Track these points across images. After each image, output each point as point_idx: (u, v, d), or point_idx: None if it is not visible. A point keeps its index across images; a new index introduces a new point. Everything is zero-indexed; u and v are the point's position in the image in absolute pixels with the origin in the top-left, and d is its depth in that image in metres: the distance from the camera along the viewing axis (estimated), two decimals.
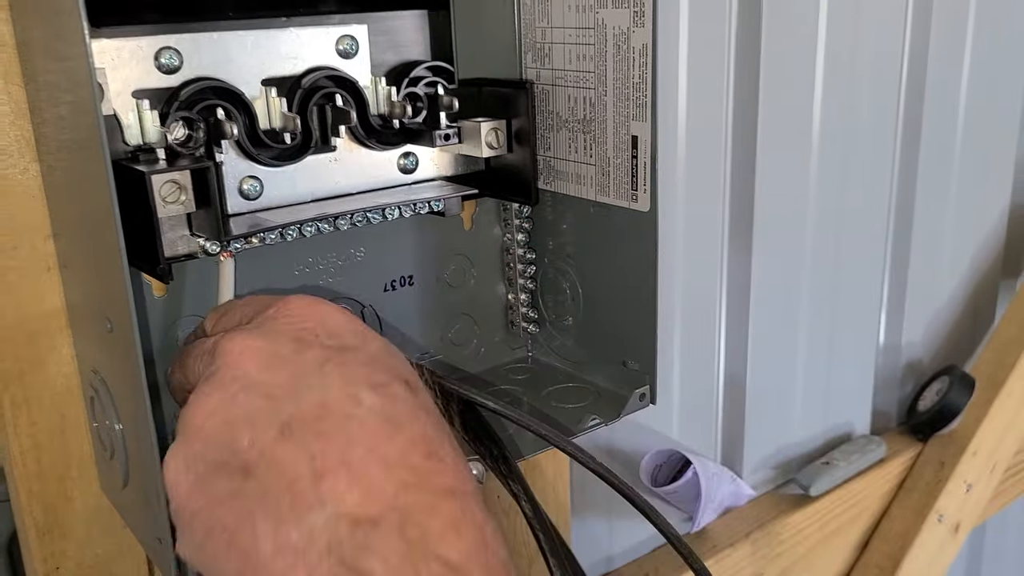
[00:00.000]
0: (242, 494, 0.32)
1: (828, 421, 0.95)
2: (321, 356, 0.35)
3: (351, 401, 0.33)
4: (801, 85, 0.74)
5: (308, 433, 0.32)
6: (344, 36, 0.47)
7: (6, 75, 0.40)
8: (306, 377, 0.34)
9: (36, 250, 0.42)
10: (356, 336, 0.37)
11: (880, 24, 0.81)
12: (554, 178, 0.54)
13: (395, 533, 0.31)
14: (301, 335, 0.36)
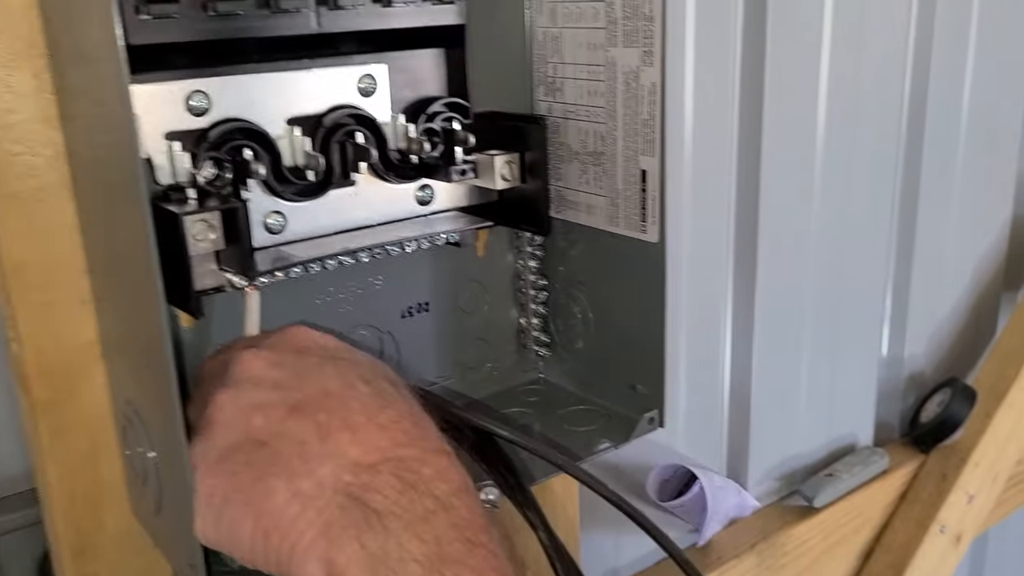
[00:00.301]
0: (255, 461, 0.37)
1: (831, 433, 0.97)
2: (318, 360, 0.41)
3: (348, 388, 0.39)
4: (804, 111, 0.75)
5: (314, 409, 0.38)
6: (365, 75, 0.49)
7: (45, 119, 0.42)
8: (307, 373, 0.40)
9: (72, 285, 0.44)
10: (346, 351, 0.43)
11: (882, 47, 0.82)
12: (565, 207, 0.56)
13: (393, 475, 0.36)
14: (300, 348, 0.42)
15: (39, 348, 0.43)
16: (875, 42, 0.81)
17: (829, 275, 0.88)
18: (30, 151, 0.42)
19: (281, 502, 0.36)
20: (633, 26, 0.49)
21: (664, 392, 0.54)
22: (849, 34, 0.77)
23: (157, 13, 0.41)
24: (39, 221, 0.42)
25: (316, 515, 0.35)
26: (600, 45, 0.52)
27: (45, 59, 0.42)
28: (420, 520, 0.35)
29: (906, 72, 0.88)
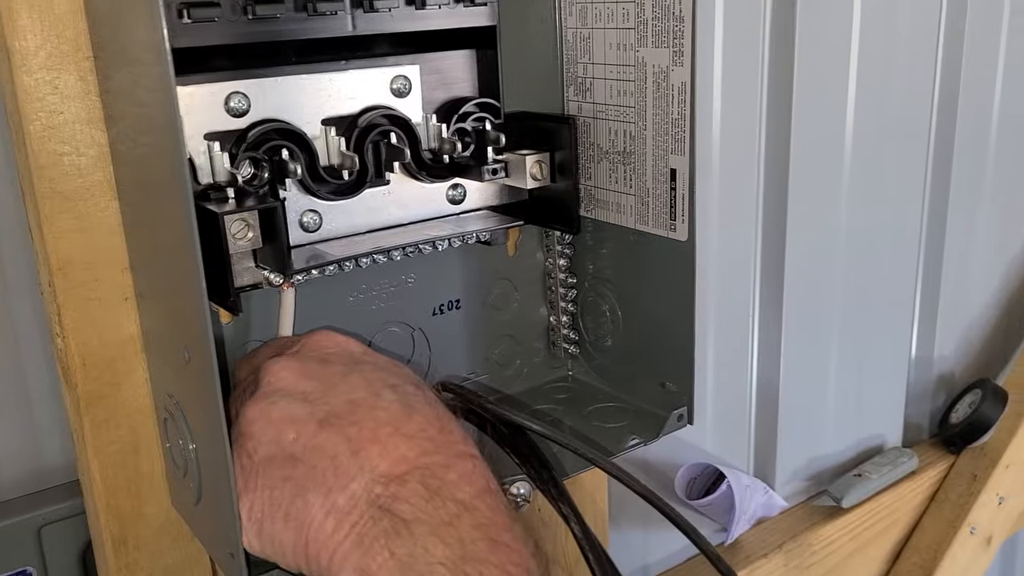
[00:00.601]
0: (292, 477, 0.39)
1: (860, 433, 0.97)
2: (344, 368, 0.43)
3: (374, 397, 0.41)
4: (832, 110, 0.75)
5: (343, 422, 0.40)
6: (398, 76, 0.50)
7: (90, 120, 0.43)
8: (334, 383, 0.42)
9: (115, 282, 0.45)
10: (369, 355, 0.45)
11: (912, 45, 0.82)
12: (595, 206, 0.57)
13: (419, 484, 0.38)
14: (325, 356, 0.44)
15: (83, 343, 0.45)
16: (905, 40, 0.80)
17: (858, 275, 0.88)
18: (76, 151, 0.43)
19: (319, 517, 0.38)
20: (663, 26, 0.50)
21: (693, 389, 0.54)
22: (878, 32, 0.77)
23: (199, 17, 0.42)
24: (84, 220, 0.44)
25: (350, 528, 0.38)
26: (630, 45, 0.52)
27: (90, 62, 0.43)
28: (444, 524, 0.37)
29: (936, 68, 0.88)
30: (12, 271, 0.51)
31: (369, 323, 0.54)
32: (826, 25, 0.72)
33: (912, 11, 0.81)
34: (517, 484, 0.48)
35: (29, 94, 0.41)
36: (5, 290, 0.51)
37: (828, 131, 0.77)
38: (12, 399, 0.53)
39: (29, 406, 0.54)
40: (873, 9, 0.75)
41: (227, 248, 0.43)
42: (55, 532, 0.52)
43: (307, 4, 0.45)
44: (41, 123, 0.42)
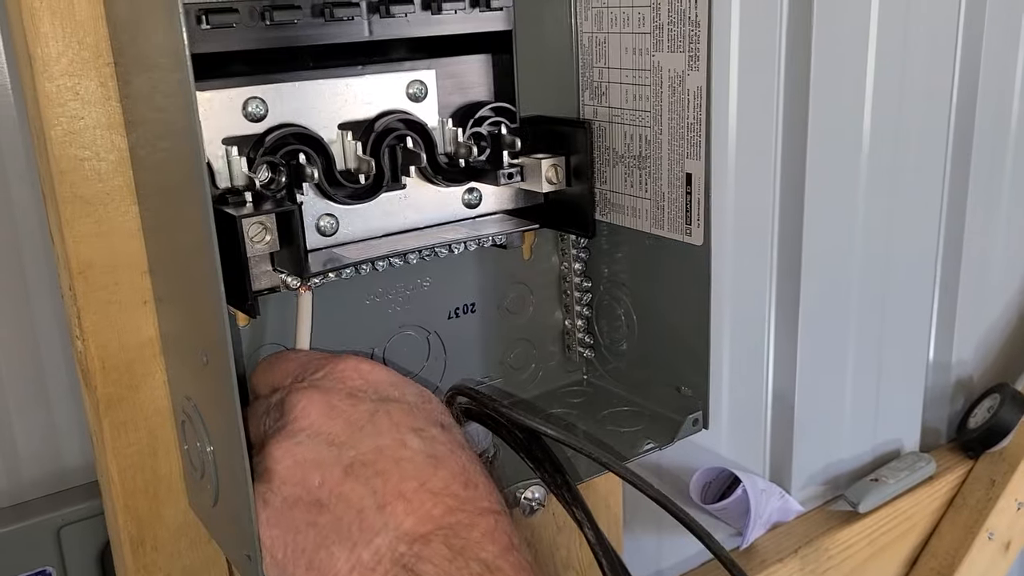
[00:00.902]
0: (318, 524, 0.39)
1: (877, 438, 0.96)
2: (371, 408, 0.42)
3: (399, 444, 0.40)
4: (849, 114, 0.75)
5: (368, 472, 0.39)
6: (414, 81, 0.50)
7: (110, 126, 0.44)
8: (361, 425, 0.41)
9: (134, 285, 0.45)
10: (396, 388, 0.44)
11: (929, 48, 0.81)
12: (610, 210, 0.57)
13: (443, 544, 0.38)
14: (352, 391, 0.43)
15: (103, 346, 0.45)
16: (922, 44, 0.80)
17: (875, 279, 0.87)
18: (96, 156, 0.43)
19: (343, 571, 0.38)
20: (679, 31, 0.50)
21: (708, 394, 0.54)
22: (896, 36, 0.76)
23: (217, 23, 0.43)
24: (104, 224, 0.44)
25: None
26: (646, 50, 0.52)
27: (111, 67, 0.43)
28: None
29: (955, 70, 0.87)
30: (33, 273, 0.52)
31: (385, 326, 0.54)
32: (843, 29, 0.71)
33: (930, 14, 0.80)
34: (531, 488, 0.48)
35: (51, 100, 0.42)
36: (26, 292, 0.52)
37: (845, 134, 0.76)
38: (32, 400, 0.54)
39: (48, 406, 0.55)
40: (890, 12, 0.75)
41: (245, 251, 0.43)
42: (74, 533, 0.53)
43: (324, 10, 0.45)
44: (62, 128, 0.42)
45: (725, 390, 0.80)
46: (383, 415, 0.41)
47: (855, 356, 0.89)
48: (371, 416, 0.41)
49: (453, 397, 0.48)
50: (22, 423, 0.54)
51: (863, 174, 0.81)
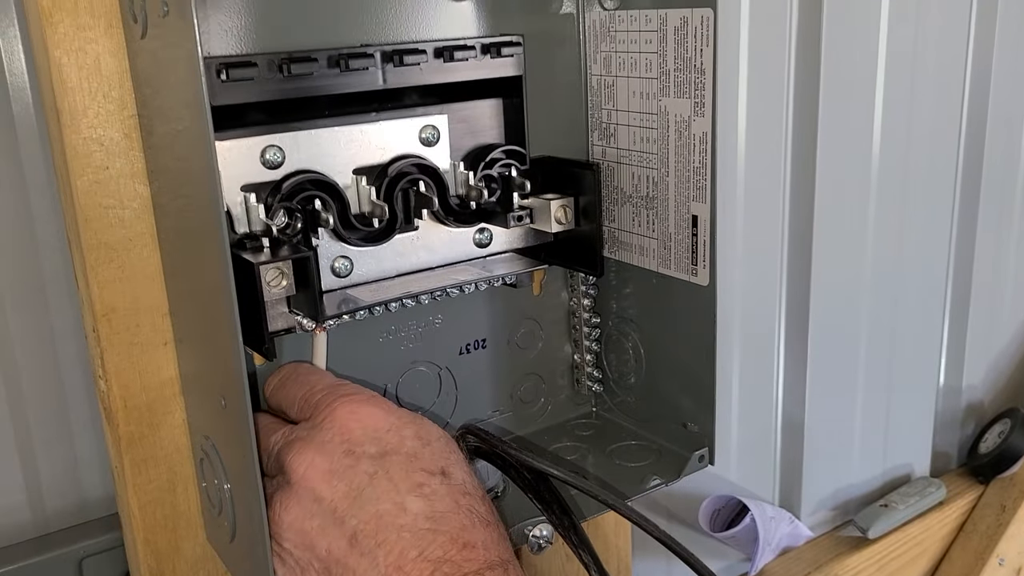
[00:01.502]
0: None
1: (887, 463, 0.96)
2: (370, 468, 0.42)
3: (399, 510, 0.41)
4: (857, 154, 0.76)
5: (371, 543, 0.41)
6: (427, 126, 0.52)
7: (134, 174, 0.45)
8: (361, 490, 0.42)
9: (155, 327, 0.47)
10: (394, 432, 0.44)
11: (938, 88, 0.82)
12: (618, 248, 0.58)
13: None
14: (350, 448, 0.43)
15: (125, 386, 0.47)
16: (931, 82, 0.81)
17: (885, 304, 0.88)
18: (120, 204, 0.45)
19: None
20: (685, 77, 0.51)
21: (714, 431, 0.55)
22: (904, 77, 0.77)
23: (237, 76, 0.44)
24: (127, 269, 0.46)
25: None
26: (653, 94, 0.53)
27: (135, 119, 0.45)
28: None
29: (963, 104, 0.88)
30: (57, 314, 0.54)
31: (397, 362, 0.55)
32: (851, 74, 0.72)
33: (938, 52, 0.81)
34: (539, 527, 0.49)
35: (77, 151, 0.43)
36: (52, 332, 0.54)
37: (854, 172, 0.77)
38: (56, 433, 0.56)
39: (71, 440, 0.56)
40: (898, 55, 0.76)
41: (262, 295, 0.45)
42: (95, 564, 0.54)
43: (340, 61, 0.47)
44: (88, 178, 0.44)
45: (735, 416, 0.81)
46: (382, 477, 0.42)
47: (865, 381, 0.90)
48: (370, 479, 0.42)
49: (463, 436, 0.49)
50: (46, 456, 0.55)
51: (872, 203, 0.82)
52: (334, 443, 0.43)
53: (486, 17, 0.53)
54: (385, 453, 0.43)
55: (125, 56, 0.44)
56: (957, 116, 0.87)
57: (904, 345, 0.92)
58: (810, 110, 0.69)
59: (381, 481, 0.42)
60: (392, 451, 0.43)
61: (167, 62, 0.41)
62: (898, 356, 0.92)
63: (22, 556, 0.53)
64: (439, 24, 0.51)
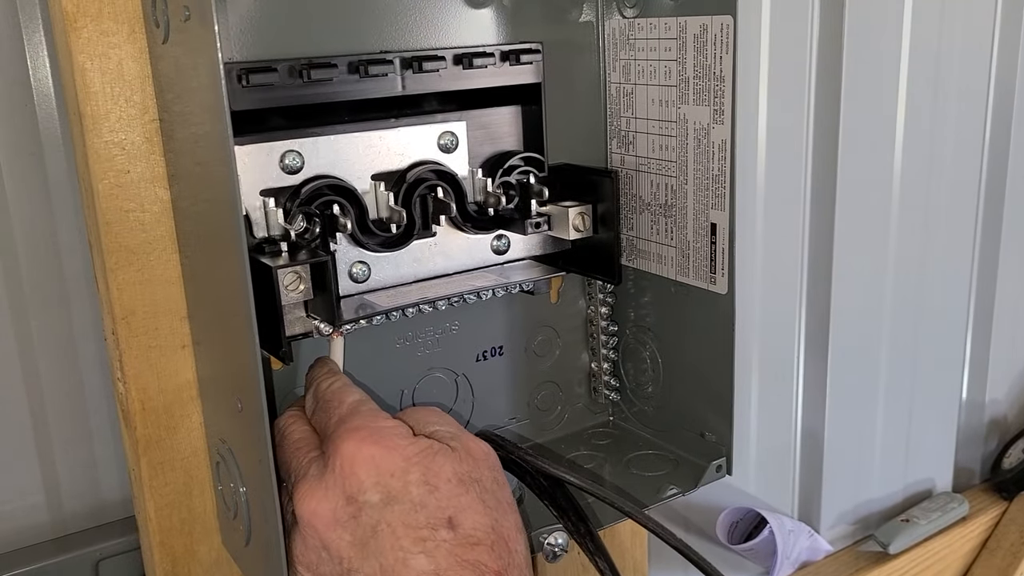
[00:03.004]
0: None
1: (908, 477, 0.95)
2: (372, 521, 0.41)
3: (402, 565, 0.40)
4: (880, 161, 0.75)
5: None
6: (445, 132, 0.52)
7: (154, 179, 0.45)
8: (365, 542, 0.41)
9: (174, 330, 0.47)
10: (398, 479, 0.42)
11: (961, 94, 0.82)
12: (636, 256, 0.58)
13: None
14: (353, 495, 0.41)
15: (143, 389, 0.47)
16: (953, 90, 0.80)
17: (907, 318, 0.87)
18: (140, 208, 0.45)
19: None
20: (704, 85, 0.51)
21: (732, 441, 0.54)
22: (927, 85, 0.77)
23: (257, 82, 0.44)
24: (146, 272, 0.46)
25: None
26: (672, 102, 0.53)
27: (156, 124, 0.45)
28: None
29: (987, 113, 0.87)
30: (78, 315, 0.54)
31: (415, 368, 0.55)
32: (873, 81, 0.72)
33: (961, 63, 0.80)
34: (555, 535, 0.48)
35: (99, 155, 0.44)
36: (72, 333, 0.54)
37: (875, 181, 0.76)
38: (75, 435, 0.56)
39: (90, 441, 0.57)
40: (921, 62, 0.75)
41: (280, 299, 0.45)
42: (112, 566, 0.55)
43: (360, 67, 0.47)
44: (110, 182, 0.44)
45: (753, 428, 0.80)
46: (385, 529, 0.40)
47: (886, 393, 0.89)
48: (373, 531, 0.41)
49: None
50: (65, 458, 0.56)
51: (894, 213, 0.81)
52: (337, 488, 0.42)
53: (506, 24, 0.53)
54: (389, 501, 0.41)
55: (147, 61, 0.44)
56: (981, 124, 0.86)
57: (926, 358, 0.91)
58: (831, 119, 0.69)
59: (384, 534, 0.40)
60: (396, 499, 0.41)
61: (188, 67, 0.41)
62: (920, 369, 0.91)
63: (40, 557, 0.54)
64: (459, 31, 0.51)
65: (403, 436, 0.43)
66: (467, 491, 0.42)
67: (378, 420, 0.44)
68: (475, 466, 0.43)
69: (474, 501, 0.41)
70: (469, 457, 0.43)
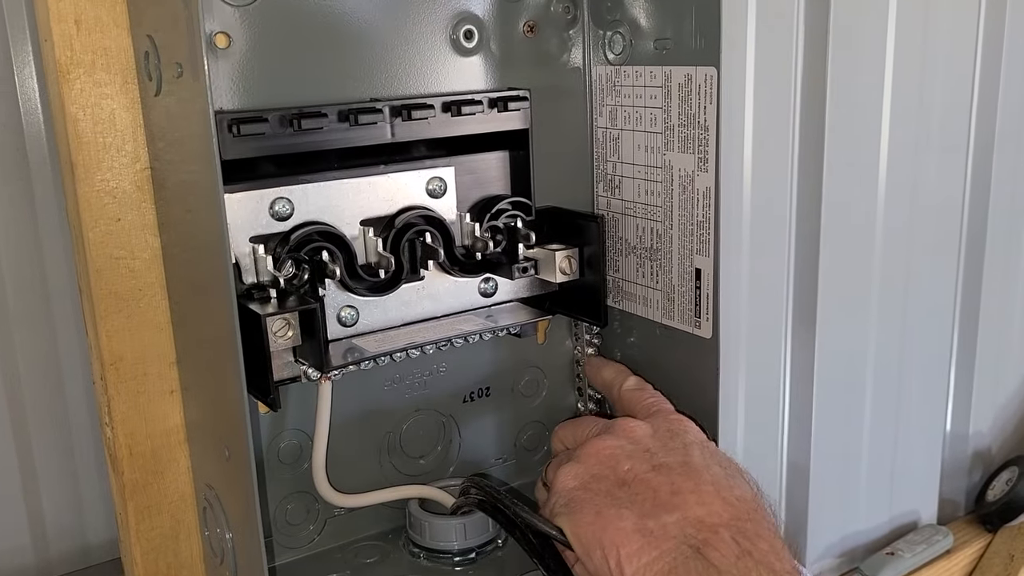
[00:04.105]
0: (614, 493, 0.45)
1: (893, 510, 0.96)
2: (686, 441, 0.49)
3: (704, 467, 0.46)
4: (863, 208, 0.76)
5: (673, 472, 0.46)
6: (434, 178, 0.52)
7: (144, 226, 0.46)
8: (675, 448, 0.48)
9: (162, 375, 0.48)
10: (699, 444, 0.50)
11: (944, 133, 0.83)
12: (623, 298, 0.58)
13: (730, 540, 0.42)
14: (674, 431, 0.50)
15: (130, 434, 0.47)
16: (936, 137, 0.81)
17: (890, 355, 0.88)
18: (131, 255, 0.46)
19: (628, 528, 0.43)
20: (689, 133, 0.52)
21: None
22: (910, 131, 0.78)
23: (249, 132, 0.45)
24: (136, 318, 0.46)
25: (659, 555, 0.42)
26: (657, 148, 0.54)
27: (147, 172, 0.46)
28: None
29: (968, 156, 0.88)
30: (66, 357, 0.54)
31: (402, 410, 0.56)
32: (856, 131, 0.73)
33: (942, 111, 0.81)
34: None
35: (90, 203, 0.44)
36: (60, 375, 0.54)
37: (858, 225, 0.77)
38: (61, 476, 0.56)
39: (76, 482, 0.57)
40: (903, 113, 0.76)
41: (268, 346, 0.45)
42: None
43: (350, 116, 0.48)
44: (101, 230, 0.45)
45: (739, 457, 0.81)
46: (695, 448, 0.48)
47: (871, 429, 0.89)
48: (685, 448, 0.47)
49: (466, 489, 0.49)
50: (51, 498, 0.56)
51: (877, 253, 0.82)
52: (659, 426, 0.50)
53: (494, 71, 0.54)
54: (696, 443, 0.49)
55: (139, 110, 0.45)
56: (962, 168, 0.87)
57: (910, 391, 0.92)
58: (815, 167, 0.70)
59: (694, 450, 0.47)
60: (703, 445, 0.49)
61: (180, 117, 0.42)
62: (904, 403, 0.91)
63: None
64: (447, 78, 0.52)
65: None
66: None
67: None
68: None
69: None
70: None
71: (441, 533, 0.53)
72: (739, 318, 0.70)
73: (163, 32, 0.41)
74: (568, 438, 0.53)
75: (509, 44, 0.54)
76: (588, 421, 0.53)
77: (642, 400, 0.54)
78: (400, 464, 0.57)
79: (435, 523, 0.53)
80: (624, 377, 0.56)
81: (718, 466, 0.47)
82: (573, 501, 0.45)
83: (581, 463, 0.47)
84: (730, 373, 0.71)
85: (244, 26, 0.45)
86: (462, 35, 0.52)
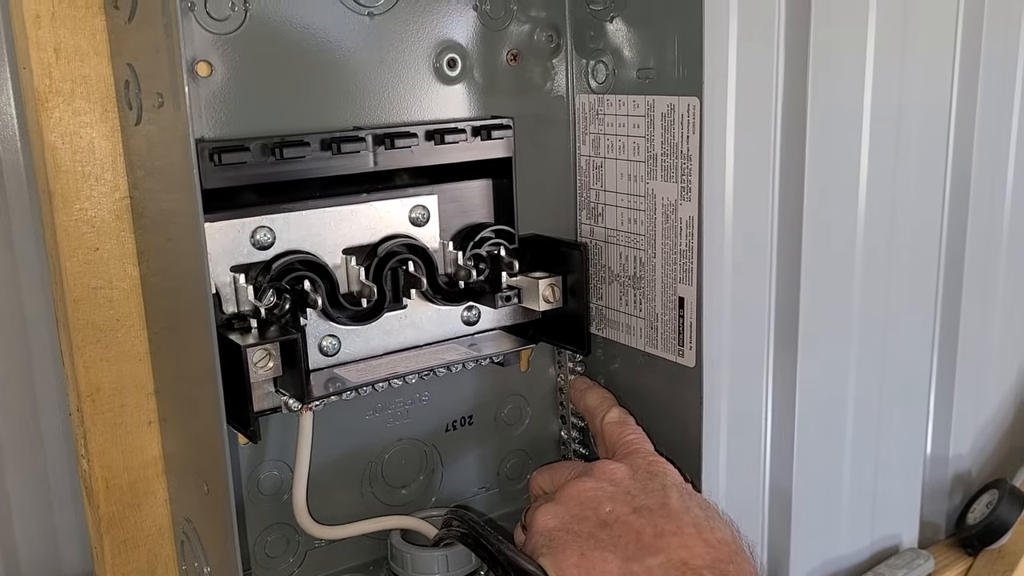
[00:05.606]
0: (597, 535, 0.45)
1: (875, 534, 0.96)
2: (663, 484, 0.49)
3: (684, 509, 0.47)
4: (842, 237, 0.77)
5: (654, 514, 0.46)
6: (417, 206, 0.52)
7: (124, 255, 0.45)
8: (654, 490, 0.48)
9: (140, 407, 0.47)
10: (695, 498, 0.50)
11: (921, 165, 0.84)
12: (606, 326, 0.58)
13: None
14: (652, 473, 0.50)
15: (107, 467, 0.46)
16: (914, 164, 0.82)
17: (871, 379, 0.88)
18: (109, 284, 0.45)
19: (614, 572, 0.43)
20: (671, 162, 0.52)
21: None
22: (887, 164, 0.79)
23: (230, 161, 0.44)
24: (113, 348, 0.46)
25: None
26: (640, 177, 0.54)
27: (126, 201, 0.45)
28: None
29: (946, 180, 0.89)
30: (41, 387, 0.53)
31: (383, 439, 0.55)
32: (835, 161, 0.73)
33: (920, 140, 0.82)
34: None
35: (68, 233, 0.44)
36: (35, 405, 0.53)
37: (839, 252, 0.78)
38: (35, 506, 0.55)
39: (51, 512, 0.56)
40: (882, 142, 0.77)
41: (248, 377, 0.45)
42: None
43: (332, 145, 0.47)
44: (79, 259, 0.44)
45: (722, 491, 0.81)
46: (674, 490, 0.48)
47: (852, 454, 0.90)
48: (664, 488, 0.48)
49: (448, 522, 0.48)
50: (24, 528, 0.55)
51: (857, 278, 0.82)
52: (637, 466, 0.51)
53: (477, 99, 0.54)
54: (676, 487, 0.50)
55: (119, 139, 0.45)
56: (940, 191, 0.88)
57: (891, 415, 0.92)
58: (795, 196, 0.70)
59: (672, 492, 0.48)
60: (683, 490, 0.50)
61: (160, 146, 0.42)
62: (885, 426, 0.92)
63: None
64: (431, 106, 0.52)
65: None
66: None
67: None
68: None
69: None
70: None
71: (423, 565, 0.52)
72: (721, 345, 0.70)
73: (144, 61, 0.41)
74: (546, 483, 0.53)
75: (492, 72, 0.54)
76: (566, 465, 0.54)
77: (622, 437, 0.54)
78: (382, 494, 0.56)
79: (417, 555, 0.53)
80: (608, 407, 0.56)
81: (698, 508, 0.47)
82: (555, 542, 0.45)
83: (562, 504, 0.47)
84: (713, 400, 0.71)
85: (226, 54, 0.45)
86: (445, 63, 0.52)
